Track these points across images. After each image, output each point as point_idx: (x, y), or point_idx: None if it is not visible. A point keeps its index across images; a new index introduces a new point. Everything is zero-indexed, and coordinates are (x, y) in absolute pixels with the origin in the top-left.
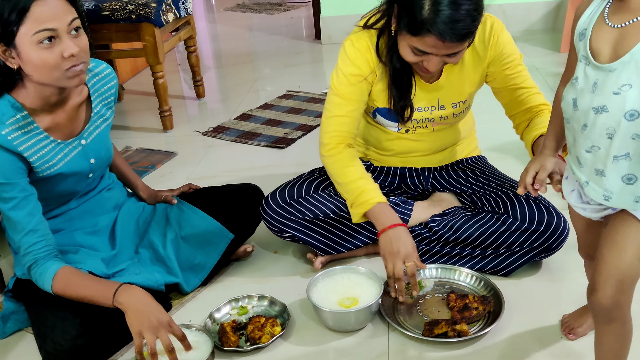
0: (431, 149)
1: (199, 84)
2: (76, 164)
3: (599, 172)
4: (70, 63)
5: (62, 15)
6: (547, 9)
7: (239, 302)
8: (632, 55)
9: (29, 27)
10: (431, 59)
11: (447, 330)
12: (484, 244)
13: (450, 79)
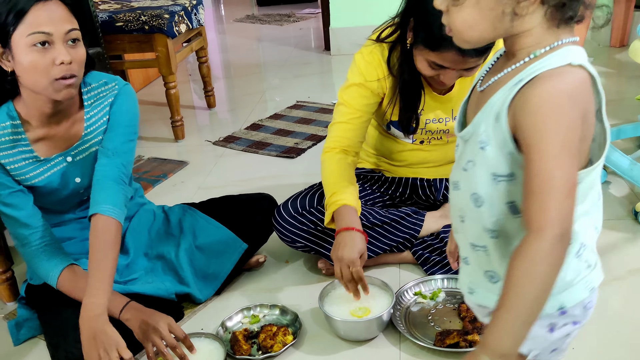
0: (443, 160)
1: (209, 94)
2: (57, 181)
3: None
4: (60, 72)
5: (60, 22)
6: None
7: (250, 310)
8: (473, 126)
9: (24, 29)
10: (448, 73)
11: (459, 341)
12: None
13: (462, 90)
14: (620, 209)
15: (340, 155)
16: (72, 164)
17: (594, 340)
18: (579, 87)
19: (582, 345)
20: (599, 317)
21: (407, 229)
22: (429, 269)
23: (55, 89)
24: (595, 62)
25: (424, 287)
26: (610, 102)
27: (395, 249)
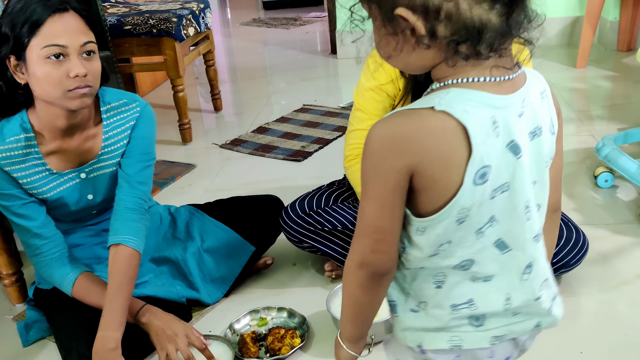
0: None
1: (216, 97)
2: (69, 196)
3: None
4: (74, 84)
5: (75, 34)
6: (563, 24)
7: (258, 313)
8: None
9: (39, 40)
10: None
11: None
12: None
13: None
14: (628, 213)
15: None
16: (85, 181)
17: (601, 344)
18: (417, 134)
19: (590, 349)
20: (606, 321)
21: None
22: None
23: (69, 98)
24: (602, 66)
25: None
26: (617, 106)
27: None
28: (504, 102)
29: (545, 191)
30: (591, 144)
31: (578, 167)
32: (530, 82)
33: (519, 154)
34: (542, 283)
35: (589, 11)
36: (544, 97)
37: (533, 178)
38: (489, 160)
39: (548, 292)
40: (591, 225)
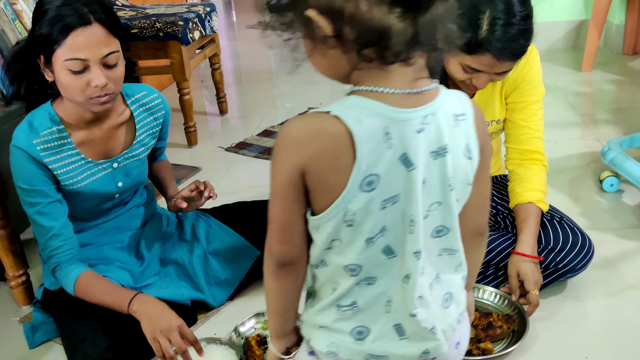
0: None
1: (222, 101)
2: (102, 184)
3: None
4: (95, 93)
5: (97, 47)
6: (568, 28)
7: (263, 316)
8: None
9: (63, 52)
10: (480, 77)
11: (472, 348)
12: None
13: (482, 98)
14: (634, 217)
15: None
16: (117, 169)
17: (607, 349)
18: (308, 136)
19: (595, 353)
20: (612, 326)
21: None
22: None
23: (91, 104)
24: (607, 70)
25: None
26: (623, 110)
27: None
28: (401, 115)
29: (451, 214)
30: (596, 148)
31: (583, 171)
32: (442, 102)
33: (410, 167)
34: (418, 300)
35: (595, 15)
36: (461, 120)
37: (436, 199)
38: (376, 169)
39: (429, 313)
40: (596, 229)
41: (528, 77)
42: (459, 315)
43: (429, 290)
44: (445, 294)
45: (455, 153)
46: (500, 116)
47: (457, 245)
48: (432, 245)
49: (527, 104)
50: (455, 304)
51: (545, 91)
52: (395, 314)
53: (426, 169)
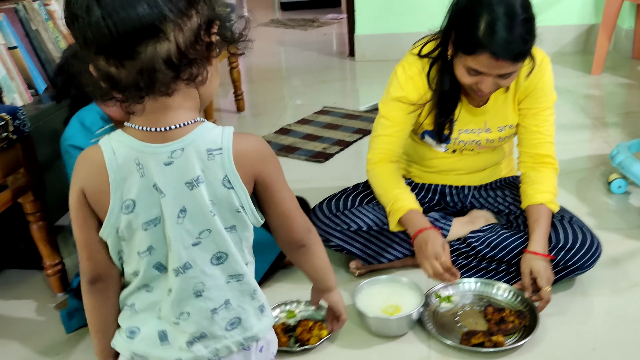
0: (473, 168)
1: (239, 98)
2: None
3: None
4: None
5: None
6: (578, 31)
7: (287, 306)
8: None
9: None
10: (485, 80)
11: (484, 341)
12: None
13: (495, 104)
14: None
15: (390, 165)
16: None
17: (613, 342)
18: (81, 161)
19: (603, 346)
20: (618, 321)
21: None
22: None
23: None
24: (617, 74)
25: (452, 290)
26: (632, 114)
27: None
28: (150, 149)
29: (224, 240)
30: (605, 150)
31: (592, 172)
32: (195, 138)
33: (161, 195)
34: (180, 315)
35: (605, 19)
36: (216, 154)
37: (204, 226)
38: (131, 195)
39: (196, 328)
40: (604, 229)
41: (540, 85)
42: (244, 340)
43: (209, 313)
44: (233, 318)
45: (212, 184)
46: (513, 121)
47: (241, 270)
48: (216, 272)
49: (539, 110)
50: (242, 329)
51: (556, 94)
52: (162, 322)
53: (183, 198)
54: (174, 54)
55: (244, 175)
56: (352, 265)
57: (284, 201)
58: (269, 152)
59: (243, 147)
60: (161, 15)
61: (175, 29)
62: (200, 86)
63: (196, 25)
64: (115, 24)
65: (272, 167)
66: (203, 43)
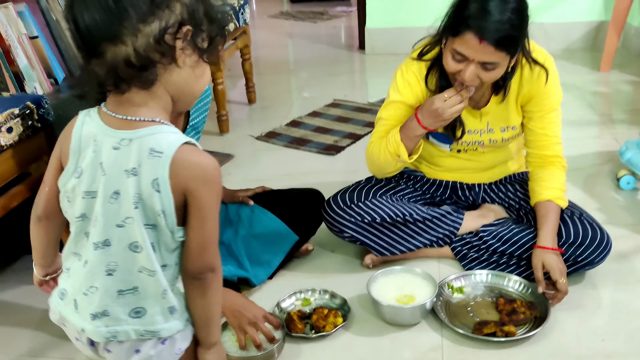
0: (480, 167)
1: (251, 90)
2: None
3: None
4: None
5: None
6: (587, 28)
7: (302, 294)
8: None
9: None
10: (468, 68)
11: (496, 331)
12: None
13: (496, 106)
14: None
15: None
16: None
17: (621, 333)
18: (67, 125)
19: (611, 337)
20: (625, 314)
21: (447, 226)
22: (466, 264)
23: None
24: (625, 71)
25: (464, 281)
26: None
27: (435, 244)
28: (106, 131)
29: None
30: (614, 147)
31: (601, 168)
32: (144, 135)
33: (103, 173)
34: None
35: (615, 16)
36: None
37: (129, 214)
38: (83, 164)
39: (93, 299)
40: (612, 224)
41: (543, 88)
42: (144, 331)
43: (115, 293)
44: (138, 307)
45: (142, 180)
46: (516, 123)
47: (153, 267)
48: (129, 258)
49: (544, 113)
50: (145, 321)
51: (564, 90)
52: (76, 291)
53: (119, 182)
54: (133, 56)
55: (175, 185)
56: (367, 260)
57: (204, 230)
58: (212, 177)
59: (186, 160)
60: (117, 22)
61: (132, 34)
62: (169, 87)
63: (157, 30)
64: (83, 28)
65: (207, 191)
66: (166, 46)
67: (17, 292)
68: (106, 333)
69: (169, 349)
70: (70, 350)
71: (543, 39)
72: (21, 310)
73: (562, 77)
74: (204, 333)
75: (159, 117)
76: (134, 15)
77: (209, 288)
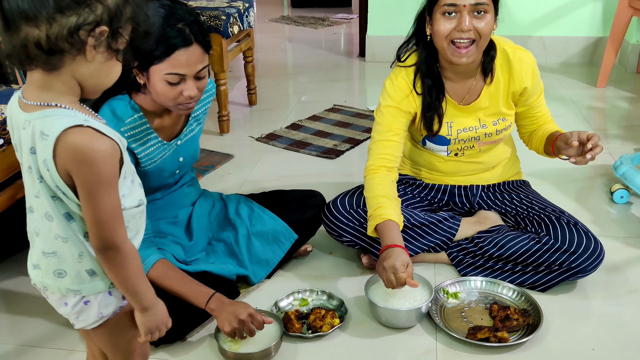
0: (479, 169)
1: (252, 92)
2: (169, 161)
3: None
4: (185, 100)
5: (195, 64)
6: (585, 43)
7: (300, 294)
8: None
9: (164, 66)
10: (461, 19)
11: (489, 336)
12: (526, 261)
13: (485, 100)
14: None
15: (386, 173)
16: (180, 146)
17: (611, 343)
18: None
19: (602, 346)
20: (616, 323)
21: (443, 232)
22: (462, 269)
23: (178, 108)
24: (621, 87)
25: (460, 287)
26: (634, 127)
27: (432, 250)
28: (18, 112)
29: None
30: (608, 161)
31: (595, 182)
32: (38, 118)
33: (18, 151)
34: (33, 243)
35: (613, 33)
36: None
37: (38, 188)
38: (13, 141)
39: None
40: (605, 236)
41: (533, 82)
42: (66, 290)
43: (41, 253)
44: (60, 269)
45: (40, 159)
46: (506, 114)
47: (65, 234)
48: (46, 226)
49: (537, 96)
50: (66, 281)
51: (561, 104)
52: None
53: (28, 159)
54: (43, 40)
55: (58, 165)
56: (365, 260)
57: (91, 208)
58: (88, 157)
59: (66, 143)
60: (35, 9)
61: (47, 21)
62: (76, 75)
63: (72, 23)
64: (6, 3)
65: (83, 171)
66: (78, 40)
67: (17, 282)
68: (40, 284)
69: (88, 311)
70: (70, 341)
71: (542, 53)
72: (22, 300)
73: (559, 91)
74: (130, 300)
75: (61, 101)
76: (54, 5)
77: (113, 265)
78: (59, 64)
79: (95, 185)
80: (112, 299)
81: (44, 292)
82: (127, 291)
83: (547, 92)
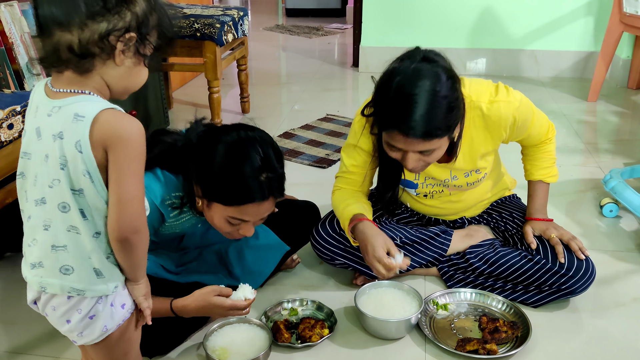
0: (460, 208)
1: (245, 100)
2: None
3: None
4: (237, 236)
5: (262, 214)
6: (577, 58)
7: (290, 304)
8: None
9: (231, 211)
10: (407, 157)
11: (478, 348)
12: (516, 280)
13: (460, 161)
14: (629, 242)
15: (349, 188)
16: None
17: (600, 355)
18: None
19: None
20: (604, 336)
21: (435, 247)
22: (452, 285)
23: (225, 235)
24: (612, 102)
25: (449, 299)
26: (624, 141)
27: (424, 266)
28: (44, 100)
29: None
30: (597, 174)
31: (585, 196)
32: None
33: (39, 138)
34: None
35: (604, 48)
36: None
37: (55, 175)
38: (27, 127)
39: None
40: (594, 250)
41: (518, 127)
42: (71, 289)
43: (49, 247)
44: (67, 265)
45: (69, 142)
46: (482, 167)
47: (80, 226)
48: (58, 218)
49: (523, 135)
50: (73, 279)
51: (552, 117)
52: (25, 243)
53: (49, 146)
54: (75, 44)
55: (94, 143)
56: (359, 282)
57: (121, 185)
58: (129, 135)
59: (105, 121)
60: (68, 16)
61: (79, 27)
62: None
63: (103, 29)
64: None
65: (121, 147)
66: (108, 45)
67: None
68: (38, 285)
69: (94, 325)
70: (58, 348)
71: (533, 66)
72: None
73: (550, 104)
74: (131, 276)
75: (90, 91)
76: (86, 12)
77: (134, 248)
78: (90, 67)
79: (130, 160)
80: (116, 309)
81: (43, 307)
82: (134, 269)
83: (538, 105)
